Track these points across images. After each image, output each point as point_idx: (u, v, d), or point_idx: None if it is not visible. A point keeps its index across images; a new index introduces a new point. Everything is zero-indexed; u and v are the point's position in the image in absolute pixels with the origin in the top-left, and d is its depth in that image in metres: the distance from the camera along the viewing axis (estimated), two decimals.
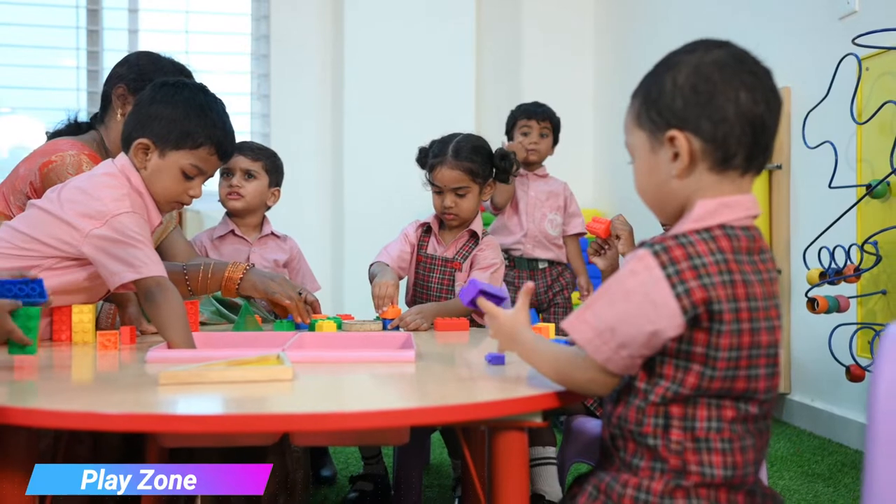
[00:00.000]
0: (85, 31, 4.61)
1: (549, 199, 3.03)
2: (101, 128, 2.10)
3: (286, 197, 2.63)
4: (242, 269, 1.97)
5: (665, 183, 1.11)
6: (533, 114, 3.05)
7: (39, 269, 1.60)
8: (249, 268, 1.98)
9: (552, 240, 3.02)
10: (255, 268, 2.00)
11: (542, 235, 2.99)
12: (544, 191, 3.05)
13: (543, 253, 2.99)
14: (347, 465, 2.54)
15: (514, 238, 2.99)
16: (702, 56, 1.09)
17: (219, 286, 1.96)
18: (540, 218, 2.99)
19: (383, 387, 1.28)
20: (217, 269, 1.96)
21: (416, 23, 4.54)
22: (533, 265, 2.96)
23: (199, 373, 1.19)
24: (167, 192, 1.71)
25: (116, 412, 1.02)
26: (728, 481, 1.04)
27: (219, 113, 1.74)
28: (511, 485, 1.19)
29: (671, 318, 1.02)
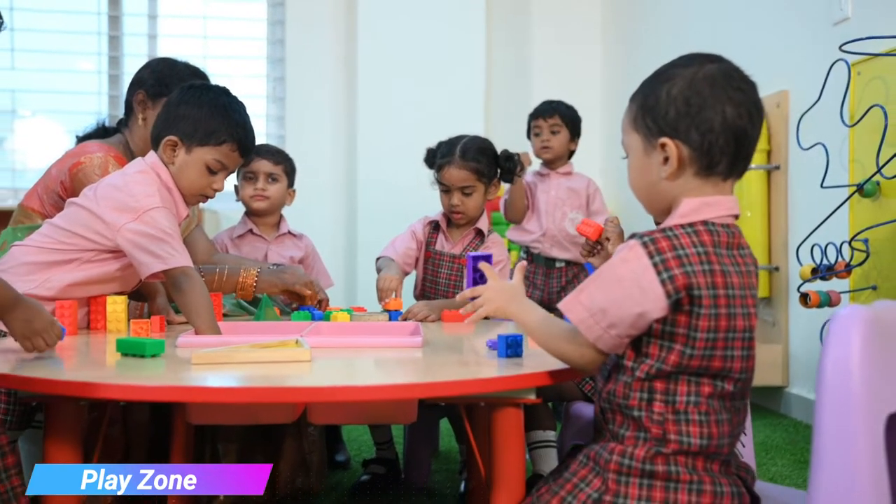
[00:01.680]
0: (106, 37, 4.76)
1: (570, 198, 3.09)
2: (126, 131, 2.23)
3: (302, 195, 2.76)
4: (254, 274, 2.10)
5: (655, 183, 1.23)
6: (540, 112, 3.15)
7: (79, 262, 1.74)
8: (259, 270, 2.11)
9: (571, 239, 3.05)
10: (263, 268, 2.14)
11: (560, 235, 3.05)
12: (565, 188, 3.11)
13: (561, 253, 3.05)
14: (360, 451, 2.66)
15: (532, 237, 3.08)
16: (696, 71, 1.21)
17: (232, 289, 2.09)
18: (560, 217, 3.05)
19: (391, 367, 1.40)
20: (230, 275, 2.10)
21: (427, 25, 4.66)
22: (550, 263, 3.04)
23: (228, 354, 1.32)
24: (193, 185, 1.85)
25: (156, 384, 1.15)
26: (704, 450, 1.16)
27: (240, 113, 1.89)
28: (508, 458, 1.31)
29: (656, 301, 1.14)
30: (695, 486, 1.14)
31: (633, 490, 1.14)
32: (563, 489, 1.19)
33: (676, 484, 1.14)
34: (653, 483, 1.14)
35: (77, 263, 1.73)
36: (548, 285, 3.01)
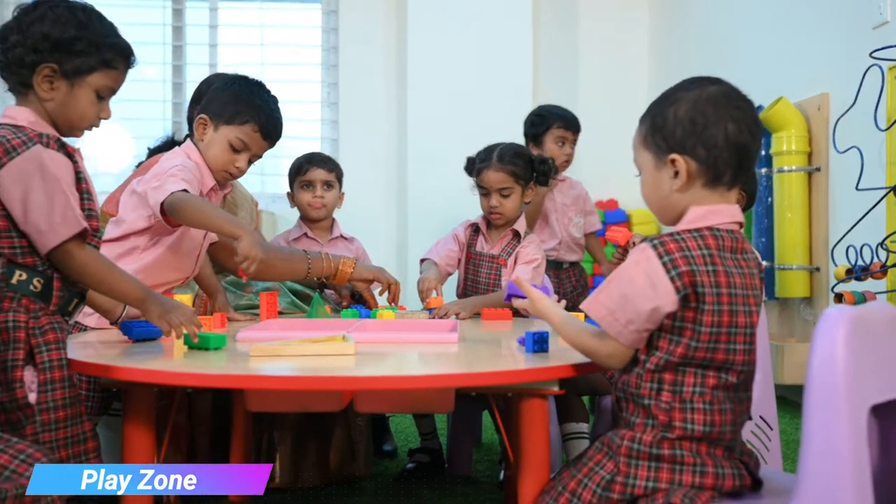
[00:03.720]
0: (170, 47, 5.00)
1: (574, 204, 3.23)
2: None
3: (354, 197, 2.91)
4: (351, 263, 2.32)
5: (667, 195, 1.35)
6: (571, 124, 3.19)
7: (138, 252, 1.95)
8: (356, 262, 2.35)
9: (577, 241, 3.22)
10: (359, 261, 2.36)
11: (570, 240, 3.18)
12: (570, 196, 3.24)
13: (571, 256, 3.19)
14: (407, 441, 2.81)
15: (548, 246, 3.18)
16: (699, 93, 1.33)
17: (332, 273, 2.30)
18: (567, 222, 3.19)
19: (429, 360, 1.54)
20: (333, 258, 2.32)
21: (474, 31, 4.78)
22: (558, 266, 3.15)
23: (281, 347, 1.48)
24: (218, 160, 2.07)
25: (220, 373, 1.31)
26: (707, 436, 1.27)
27: (265, 99, 2.12)
28: (534, 444, 1.44)
29: (667, 296, 1.26)
30: (698, 469, 1.26)
31: (641, 472, 1.27)
32: (580, 472, 1.31)
33: (681, 466, 1.26)
34: (660, 465, 1.26)
35: (137, 253, 1.94)
36: (561, 287, 3.13)
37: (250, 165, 2.13)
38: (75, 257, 1.52)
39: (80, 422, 1.50)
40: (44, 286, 1.52)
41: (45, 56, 1.54)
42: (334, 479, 2.35)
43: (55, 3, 1.57)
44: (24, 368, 1.45)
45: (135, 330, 1.66)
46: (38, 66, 1.54)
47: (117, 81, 1.64)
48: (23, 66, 1.54)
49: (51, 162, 1.50)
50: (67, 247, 1.50)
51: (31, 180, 1.47)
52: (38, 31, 1.53)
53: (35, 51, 1.53)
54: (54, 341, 1.49)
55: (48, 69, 1.54)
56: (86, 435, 1.51)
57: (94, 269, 1.54)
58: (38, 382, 1.45)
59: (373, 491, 2.34)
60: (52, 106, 1.57)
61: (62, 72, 1.55)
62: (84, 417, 1.52)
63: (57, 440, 1.45)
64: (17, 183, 1.47)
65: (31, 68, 1.54)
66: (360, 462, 2.38)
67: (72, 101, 1.57)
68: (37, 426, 1.44)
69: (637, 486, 1.26)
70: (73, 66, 1.55)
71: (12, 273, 1.50)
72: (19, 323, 1.47)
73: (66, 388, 1.48)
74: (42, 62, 1.54)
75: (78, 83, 1.57)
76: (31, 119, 1.55)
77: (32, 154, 1.49)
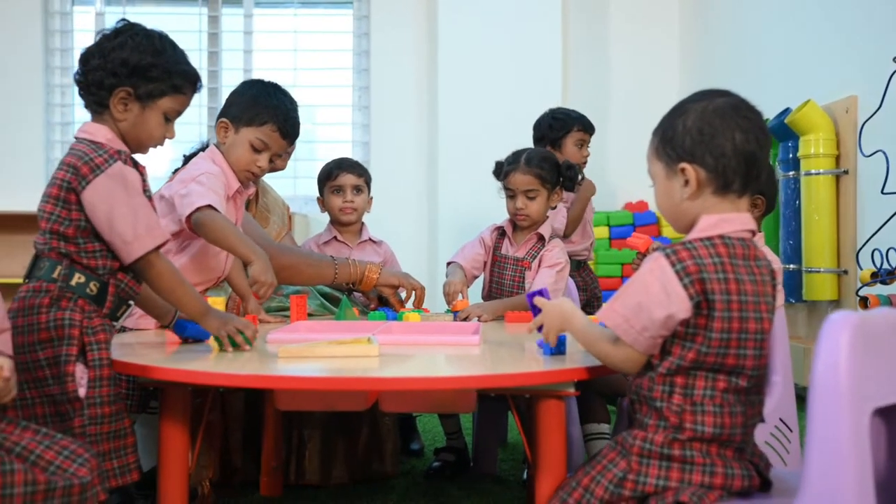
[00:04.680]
0: (206, 53, 5.12)
1: (589, 206, 3.31)
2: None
3: (386, 199, 2.97)
4: (377, 269, 2.41)
5: (678, 203, 1.40)
6: (590, 126, 3.29)
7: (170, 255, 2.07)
8: (381, 267, 2.44)
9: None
10: (385, 266, 2.44)
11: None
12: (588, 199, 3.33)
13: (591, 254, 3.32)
14: (434, 440, 2.87)
15: (583, 246, 3.27)
16: (706, 105, 1.37)
17: (358, 279, 2.38)
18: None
19: (450, 362, 1.60)
20: (359, 265, 2.40)
21: (505, 35, 4.82)
22: (581, 265, 3.24)
23: (309, 349, 1.54)
24: (240, 161, 2.17)
25: (249, 373, 1.38)
26: (717, 437, 1.31)
27: (282, 101, 2.21)
28: (551, 443, 1.49)
29: (681, 303, 1.31)
30: (708, 469, 1.30)
31: (653, 470, 1.31)
32: (595, 469, 1.36)
33: (692, 466, 1.30)
34: (670, 465, 1.31)
35: (170, 256, 2.04)
36: (587, 286, 3.21)
37: (270, 164, 2.22)
38: (155, 266, 1.64)
39: (122, 418, 1.60)
40: (99, 290, 1.63)
41: (122, 80, 1.66)
42: (363, 476, 2.42)
43: (135, 31, 1.69)
44: (76, 364, 1.55)
45: (188, 328, 1.75)
46: (115, 88, 1.66)
47: (184, 105, 1.75)
48: (101, 88, 1.66)
49: (131, 176, 1.63)
50: (150, 257, 1.62)
51: (116, 195, 1.59)
52: (118, 56, 1.65)
53: (114, 75, 1.65)
54: (104, 341, 1.60)
55: (124, 92, 1.66)
56: (126, 431, 1.61)
57: (168, 279, 1.66)
58: (87, 378, 1.55)
59: (400, 488, 2.40)
60: (125, 125, 1.68)
61: (136, 95, 1.67)
62: (125, 414, 1.61)
63: (101, 434, 1.55)
64: (104, 198, 1.59)
65: (109, 90, 1.66)
66: (388, 460, 2.44)
67: (142, 121, 1.69)
68: (84, 419, 1.53)
69: (648, 485, 1.30)
70: (147, 90, 1.67)
71: (73, 275, 1.61)
72: (75, 321, 1.58)
73: (111, 385, 1.58)
74: (119, 85, 1.66)
75: (149, 106, 1.69)
76: (109, 136, 1.67)
77: (115, 170, 1.61)
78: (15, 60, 4.96)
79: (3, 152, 4.92)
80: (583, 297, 3.09)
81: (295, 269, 2.25)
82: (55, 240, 1.62)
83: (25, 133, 4.98)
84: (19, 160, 4.92)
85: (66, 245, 1.62)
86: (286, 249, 2.39)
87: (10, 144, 4.93)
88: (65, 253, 1.62)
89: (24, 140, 4.98)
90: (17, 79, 4.96)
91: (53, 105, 5.05)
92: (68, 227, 1.61)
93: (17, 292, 1.63)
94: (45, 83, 5.02)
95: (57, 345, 1.57)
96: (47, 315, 1.58)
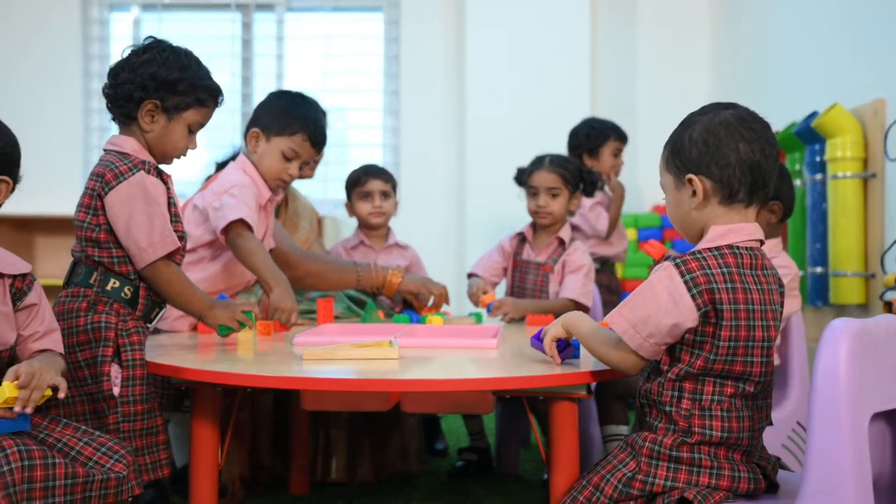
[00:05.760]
0: (240, 59, 5.22)
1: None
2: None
3: (415, 203, 3.02)
4: (400, 274, 2.48)
5: (687, 213, 1.44)
6: (625, 137, 3.42)
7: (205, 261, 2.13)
8: (404, 272, 2.51)
9: None
10: (407, 272, 2.50)
11: None
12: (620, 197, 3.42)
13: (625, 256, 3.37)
14: (459, 441, 2.93)
15: (621, 248, 3.34)
16: (712, 117, 1.41)
17: (381, 284, 2.46)
18: None
19: (467, 365, 1.65)
20: (382, 270, 2.47)
21: (533, 41, 4.86)
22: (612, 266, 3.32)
23: (332, 351, 1.61)
24: (271, 169, 2.25)
25: (274, 374, 1.45)
26: (724, 441, 1.35)
27: (312, 111, 2.29)
28: (564, 443, 1.54)
29: (688, 313, 1.35)
30: (715, 471, 1.34)
31: (661, 471, 1.36)
32: (605, 468, 1.41)
33: (699, 468, 1.35)
34: (678, 466, 1.35)
35: (204, 263, 2.13)
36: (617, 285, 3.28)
37: (300, 171, 2.31)
38: (163, 273, 1.73)
39: (155, 416, 1.68)
40: (133, 294, 1.73)
41: (150, 93, 1.75)
42: (388, 475, 2.48)
43: (162, 47, 1.78)
44: (111, 364, 1.64)
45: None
46: (143, 101, 1.76)
47: (206, 118, 1.85)
48: (130, 101, 1.76)
49: (152, 186, 1.72)
50: (160, 263, 1.71)
51: (135, 202, 1.69)
52: (146, 71, 1.74)
53: (143, 88, 1.75)
54: (138, 343, 1.69)
55: (151, 105, 1.76)
56: (158, 428, 1.69)
57: (176, 284, 1.76)
58: (121, 378, 1.64)
59: (424, 487, 2.46)
60: (151, 137, 1.78)
61: (163, 107, 1.77)
62: (157, 412, 1.70)
63: (134, 430, 1.64)
64: (124, 204, 1.68)
65: (138, 103, 1.76)
66: (413, 460, 2.50)
67: (168, 133, 1.78)
68: (118, 416, 1.62)
69: (656, 485, 1.35)
70: (173, 103, 1.77)
71: (107, 280, 1.71)
72: (110, 324, 1.68)
73: (144, 385, 1.67)
74: (147, 98, 1.75)
75: (175, 118, 1.78)
76: (135, 147, 1.77)
77: (137, 179, 1.70)
78: (54, 67, 5.10)
79: (44, 157, 5.06)
80: (613, 299, 3.14)
81: (319, 276, 2.33)
82: (90, 247, 1.72)
83: (65, 138, 5.13)
84: (59, 165, 5.06)
85: (100, 252, 1.71)
86: (312, 256, 2.46)
87: (50, 149, 5.07)
88: (98, 260, 1.71)
89: (64, 145, 5.12)
90: (57, 85, 5.11)
91: (92, 110, 5.18)
92: (98, 232, 1.70)
93: (57, 297, 1.72)
94: (84, 89, 5.16)
95: (94, 346, 1.66)
96: (85, 318, 1.67)
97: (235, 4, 5.19)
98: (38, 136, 4.91)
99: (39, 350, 1.52)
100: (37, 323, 1.52)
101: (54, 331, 1.55)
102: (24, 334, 1.51)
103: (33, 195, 1.75)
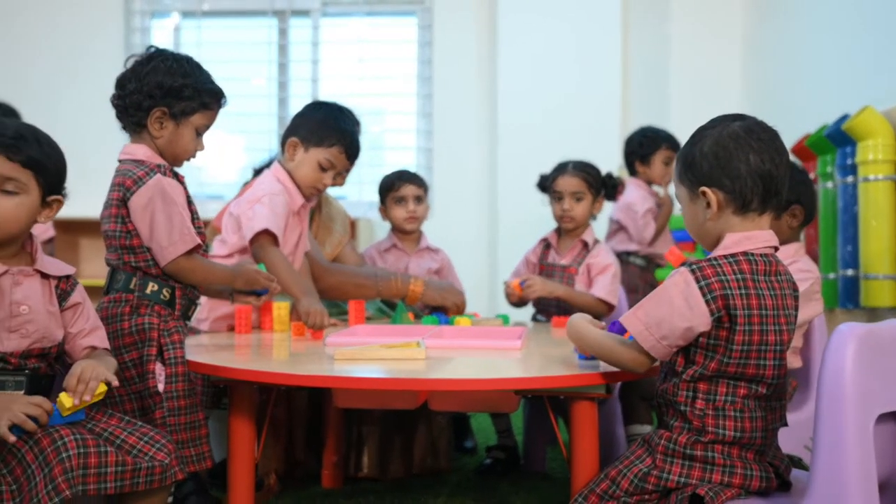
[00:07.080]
0: (276, 64, 5.33)
1: None
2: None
3: (448, 206, 3.07)
4: (422, 283, 2.55)
5: (703, 224, 1.49)
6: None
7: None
8: (426, 282, 2.56)
9: None
10: (429, 281, 2.55)
11: None
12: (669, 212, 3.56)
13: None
14: (488, 439, 2.99)
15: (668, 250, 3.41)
16: (721, 130, 1.46)
17: (401, 295, 2.52)
18: None
19: (492, 365, 1.72)
20: (403, 281, 2.54)
21: (565, 44, 4.90)
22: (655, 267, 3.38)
23: (362, 352, 1.69)
24: (307, 178, 2.35)
25: (308, 373, 1.53)
26: (738, 441, 1.40)
27: (348, 124, 2.38)
28: (584, 440, 1.60)
29: (702, 317, 1.40)
30: (727, 469, 1.40)
31: (675, 468, 1.41)
32: (622, 464, 1.47)
33: (712, 466, 1.40)
34: (692, 464, 1.41)
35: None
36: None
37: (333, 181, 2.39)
38: (185, 266, 1.83)
39: (196, 411, 1.78)
40: (171, 295, 1.85)
41: (158, 101, 1.85)
42: (418, 471, 2.55)
43: (164, 56, 1.88)
44: (155, 363, 1.74)
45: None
46: (152, 109, 1.85)
47: (211, 120, 1.94)
48: (139, 109, 1.86)
49: (169, 188, 1.81)
50: (181, 259, 1.81)
51: (155, 204, 1.79)
52: (153, 80, 1.84)
53: (150, 97, 1.85)
54: (178, 341, 1.79)
55: (160, 112, 1.85)
56: (200, 422, 1.79)
57: (200, 272, 1.87)
58: (165, 375, 1.73)
59: (454, 483, 2.53)
60: (162, 142, 1.88)
61: (171, 113, 1.86)
62: (199, 407, 1.79)
63: (178, 424, 1.74)
64: (145, 207, 1.79)
65: (147, 111, 1.86)
66: (442, 457, 2.57)
67: (177, 137, 1.88)
68: (164, 412, 1.73)
69: (670, 481, 1.41)
70: (180, 108, 1.87)
71: (146, 285, 1.82)
72: (153, 325, 1.79)
73: (185, 381, 1.77)
74: (156, 106, 1.85)
75: (182, 123, 1.88)
76: (148, 153, 1.87)
77: (155, 182, 1.79)
78: (98, 74, 5.23)
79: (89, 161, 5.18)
80: None
81: (341, 290, 2.42)
82: (125, 254, 1.82)
83: (108, 143, 5.25)
84: (102, 169, 5.20)
85: (136, 258, 1.82)
86: (334, 270, 2.54)
87: (95, 154, 5.19)
88: (136, 266, 1.82)
89: (108, 150, 5.25)
90: (100, 91, 5.22)
91: None
92: (131, 238, 1.82)
93: (99, 303, 1.82)
94: None
95: (140, 347, 1.76)
96: (129, 322, 1.77)
97: (272, 11, 5.30)
98: (83, 141, 5.06)
99: (88, 346, 1.61)
100: (82, 320, 1.61)
101: (99, 328, 1.64)
102: (72, 331, 1.60)
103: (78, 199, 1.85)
